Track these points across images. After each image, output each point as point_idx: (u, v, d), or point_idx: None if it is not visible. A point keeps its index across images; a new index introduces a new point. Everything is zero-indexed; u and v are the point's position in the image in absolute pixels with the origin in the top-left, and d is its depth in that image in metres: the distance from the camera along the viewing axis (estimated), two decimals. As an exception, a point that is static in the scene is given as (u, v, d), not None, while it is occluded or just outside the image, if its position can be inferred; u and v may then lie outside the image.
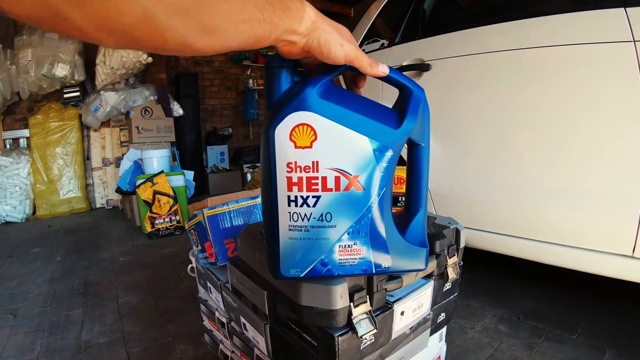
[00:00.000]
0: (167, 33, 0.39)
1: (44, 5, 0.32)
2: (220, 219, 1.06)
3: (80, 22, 0.34)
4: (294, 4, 0.49)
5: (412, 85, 0.63)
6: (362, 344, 0.73)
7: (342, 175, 0.60)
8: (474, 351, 1.36)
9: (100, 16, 0.34)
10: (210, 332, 1.29)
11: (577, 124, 1.26)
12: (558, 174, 1.31)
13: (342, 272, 0.65)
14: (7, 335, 1.60)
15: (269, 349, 0.90)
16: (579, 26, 1.24)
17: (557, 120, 1.30)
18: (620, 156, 1.17)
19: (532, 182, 1.38)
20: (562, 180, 1.30)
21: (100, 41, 0.38)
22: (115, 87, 3.91)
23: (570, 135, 1.27)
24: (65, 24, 0.34)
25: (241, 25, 0.44)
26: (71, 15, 0.33)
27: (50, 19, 0.33)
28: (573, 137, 1.27)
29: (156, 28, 0.38)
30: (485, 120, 1.50)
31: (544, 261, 1.39)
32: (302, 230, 0.62)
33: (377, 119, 0.60)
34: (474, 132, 1.55)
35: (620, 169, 1.18)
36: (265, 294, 0.84)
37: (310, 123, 0.58)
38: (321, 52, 0.53)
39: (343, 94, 0.62)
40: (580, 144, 1.25)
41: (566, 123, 1.28)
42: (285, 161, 0.60)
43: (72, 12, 0.33)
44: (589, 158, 1.24)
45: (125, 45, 0.39)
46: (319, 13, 0.53)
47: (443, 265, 0.92)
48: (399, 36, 1.92)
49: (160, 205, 2.95)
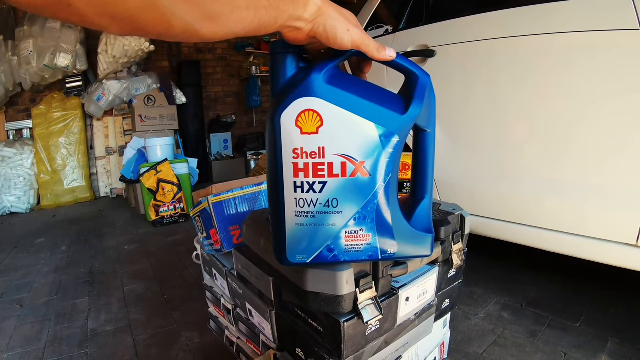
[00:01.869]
0: (171, 19, 0.39)
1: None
2: (225, 205, 1.06)
3: (84, 8, 0.34)
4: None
5: (419, 70, 0.62)
6: (368, 330, 0.73)
7: (348, 161, 0.59)
8: (478, 338, 1.37)
9: (103, 2, 0.34)
10: (216, 318, 1.30)
11: (583, 114, 1.24)
12: (563, 164, 1.30)
13: (348, 258, 0.65)
14: (15, 326, 1.62)
15: (275, 335, 0.91)
16: (586, 13, 1.22)
17: (563, 109, 1.28)
18: (625, 147, 1.16)
19: (537, 171, 1.37)
20: (567, 170, 1.30)
21: (104, 28, 0.37)
22: (117, 76, 3.90)
23: (576, 125, 1.26)
24: (68, 10, 0.33)
25: (245, 11, 0.44)
26: (74, 1, 0.33)
27: (54, 5, 0.33)
28: (578, 127, 1.26)
29: (160, 14, 0.37)
30: (490, 108, 1.48)
31: (549, 249, 1.39)
32: (309, 216, 0.62)
33: (383, 105, 0.59)
34: (479, 119, 1.53)
35: (626, 160, 1.17)
36: (270, 280, 0.84)
37: (317, 109, 0.58)
38: (327, 37, 0.53)
39: (349, 79, 0.61)
40: (586, 135, 1.24)
41: (572, 112, 1.26)
42: (291, 147, 0.60)
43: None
44: (594, 148, 1.23)
45: (130, 31, 0.39)
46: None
47: (448, 252, 0.92)
48: (404, 22, 1.90)
49: (165, 193, 2.95)
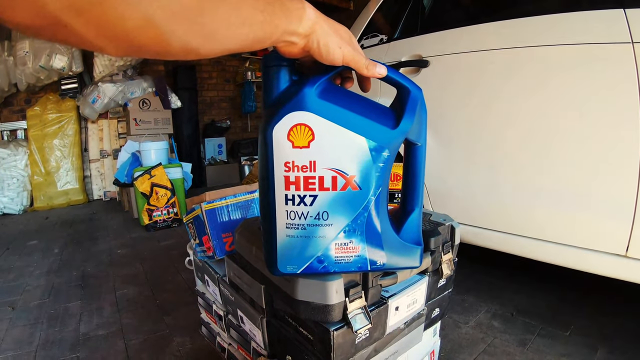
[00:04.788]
0: (170, 38, 0.39)
1: (43, 13, 0.31)
2: (218, 213, 1.07)
3: (81, 30, 0.34)
4: (294, 5, 0.49)
5: (410, 85, 0.63)
6: (357, 339, 0.74)
7: (339, 175, 0.60)
8: (468, 346, 1.38)
9: (100, 23, 0.34)
10: (208, 324, 1.30)
11: (574, 124, 1.26)
12: (554, 174, 1.32)
13: (338, 269, 0.66)
14: (6, 328, 1.61)
15: (266, 342, 0.92)
16: (578, 26, 1.24)
17: (554, 120, 1.30)
18: (615, 157, 1.18)
19: (527, 181, 1.39)
20: (557, 180, 1.31)
21: (102, 49, 0.37)
22: (113, 79, 3.90)
23: (566, 134, 1.28)
24: (65, 31, 0.33)
25: (241, 27, 0.44)
26: (71, 22, 0.33)
27: (50, 27, 0.33)
28: (569, 137, 1.27)
29: (159, 33, 0.37)
30: (483, 118, 1.50)
31: (540, 259, 1.40)
32: (299, 228, 0.63)
33: (374, 119, 0.60)
34: (471, 129, 1.55)
35: (615, 170, 1.18)
36: (262, 288, 0.85)
37: (308, 123, 0.58)
38: (320, 53, 0.54)
39: (341, 93, 0.62)
40: (576, 144, 1.26)
41: (563, 123, 1.28)
42: (283, 160, 0.60)
43: (72, 20, 0.32)
44: (584, 158, 1.24)
45: (127, 52, 0.39)
46: (319, 13, 0.53)
47: (438, 262, 0.93)
48: (398, 32, 1.92)
49: (158, 197, 2.95)
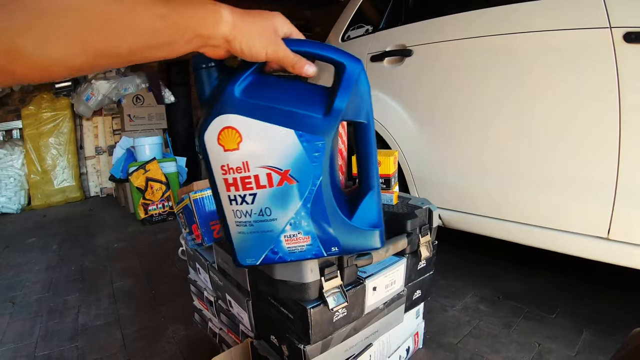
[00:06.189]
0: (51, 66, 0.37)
1: None
2: (205, 201, 1.10)
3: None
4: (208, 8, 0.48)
5: (346, 60, 0.58)
6: (335, 317, 0.78)
7: (272, 171, 0.61)
8: (453, 328, 1.41)
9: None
10: (200, 311, 1.34)
11: (554, 110, 1.28)
12: (536, 159, 1.34)
13: (295, 258, 0.68)
14: (7, 322, 1.65)
15: (252, 323, 0.96)
16: (558, 13, 1.25)
17: (535, 106, 1.32)
18: (595, 139, 1.20)
19: (510, 167, 1.41)
20: (540, 165, 1.33)
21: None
22: (106, 76, 3.90)
23: (547, 120, 1.30)
24: None
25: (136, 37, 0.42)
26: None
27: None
28: (550, 122, 1.29)
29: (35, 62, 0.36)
30: (464, 105, 1.53)
31: (526, 243, 1.43)
32: (247, 225, 0.66)
33: (303, 109, 0.58)
34: (452, 116, 1.58)
35: (596, 153, 1.20)
36: (246, 271, 0.89)
37: (234, 125, 0.58)
38: (245, 56, 0.54)
39: (269, 84, 0.60)
40: (558, 129, 1.28)
41: (543, 108, 1.31)
42: (219, 164, 0.61)
43: None
44: (565, 141, 1.26)
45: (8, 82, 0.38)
46: (241, 14, 0.51)
47: (415, 244, 0.97)
48: (383, 22, 1.94)
49: (153, 191, 2.98)
